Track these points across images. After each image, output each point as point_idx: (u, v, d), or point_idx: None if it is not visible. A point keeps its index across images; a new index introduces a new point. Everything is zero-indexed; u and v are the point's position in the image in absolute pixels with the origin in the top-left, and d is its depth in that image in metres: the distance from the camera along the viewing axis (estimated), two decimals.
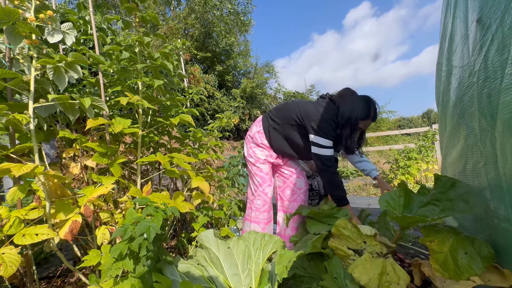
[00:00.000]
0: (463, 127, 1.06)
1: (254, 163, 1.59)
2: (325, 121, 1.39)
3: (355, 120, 1.37)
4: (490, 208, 0.90)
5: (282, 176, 1.74)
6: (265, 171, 1.58)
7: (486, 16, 0.79)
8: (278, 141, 1.56)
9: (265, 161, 1.59)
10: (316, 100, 1.53)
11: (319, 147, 1.40)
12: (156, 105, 1.54)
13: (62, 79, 1.04)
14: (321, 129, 1.39)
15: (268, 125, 1.58)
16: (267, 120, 1.60)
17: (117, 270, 0.96)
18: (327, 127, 1.38)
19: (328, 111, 1.42)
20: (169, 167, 1.38)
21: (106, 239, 1.04)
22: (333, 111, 1.43)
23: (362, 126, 1.44)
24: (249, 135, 1.67)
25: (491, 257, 0.86)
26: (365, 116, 1.38)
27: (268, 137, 1.57)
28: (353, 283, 0.98)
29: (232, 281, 1.23)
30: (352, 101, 1.41)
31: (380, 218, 1.69)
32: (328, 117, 1.39)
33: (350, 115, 1.37)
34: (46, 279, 1.49)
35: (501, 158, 0.75)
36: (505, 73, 0.70)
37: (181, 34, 10.03)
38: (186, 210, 1.43)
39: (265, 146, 1.58)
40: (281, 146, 1.57)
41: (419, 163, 4.60)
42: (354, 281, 0.96)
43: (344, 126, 1.39)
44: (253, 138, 1.62)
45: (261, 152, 1.59)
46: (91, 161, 1.19)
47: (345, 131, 1.40)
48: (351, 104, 1.39)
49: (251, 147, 1.62)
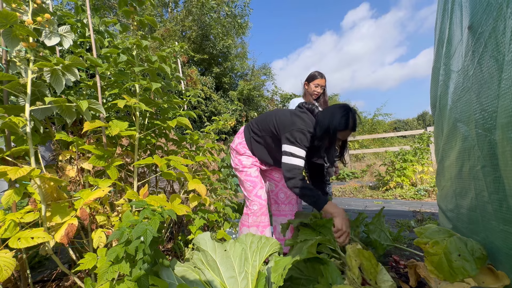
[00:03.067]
0: (460, 130, 1.07)
1: (241, 170, 1.60)
2: (299, 132, 1.37)
3: (333, 131, 1.32)
4: (487, 211, 0.91)
5: (273, 180, 1.75)
6: (254, 174, 1.58)
7: (477, 23, 0.81)
8: (260, 151, 1.58)
9: (252, 165, 1.60)
10: (294, 110, 1.50)
11: (290, 155, 1.37)
12: (153, 107, 1.54)
13: (59, 82, 1.04)
14: (294, 138, 1.36)
15: (249, 136, 1.59)
16: (248, 132, 1.61)
17: (113, 273, 0.95)
18: (300, 137, 1.36)
19: (303, 121, 1.40)
20: (166, 170, 1.38)
21: (102, 242, 1.03)
22: (309, 122, 1.41)
23: (341, 137, 1.38)
24: (232, 147, 1.69)
25: (484, 259, 0.88)
26: (344, 127, 1.31)
27: (250, 148, 1.59)
28: None
29: (229, 284, 1.23)
30: (330, 111, 1.36)
31: (375, 219, 1.70)
32: (303, 127, 1.37)
33: (328, 126, 1.32)
34: (40, 283, 1.47)
35: (502, 162, 0.75)
36: (502, 78, 0.71)
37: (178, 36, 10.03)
38: (183, 212, 1.43)
39: (248, 155, 1.61)
40: (263, 157, 1.59)
41: (415, 165, 4.65)
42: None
43: (323, 137, 1.35)
44: (236, 150, 1.64)
45: (247, 159, 1.60)
46: (87, 163, 1.18)
47: (324, 142, 1.36)
48: (329, 115, 1.34)
49: (236, 157, 1.64)
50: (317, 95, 2.16)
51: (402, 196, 4.27)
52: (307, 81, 2.18)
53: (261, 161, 1.63)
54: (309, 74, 2.18)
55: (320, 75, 2.12)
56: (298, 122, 1.40)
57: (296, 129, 1.36)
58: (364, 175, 6.93)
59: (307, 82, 2.18)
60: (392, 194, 4.45)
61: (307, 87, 2.19)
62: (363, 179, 6.63)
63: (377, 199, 4.31)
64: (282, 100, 12.12)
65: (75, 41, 1.37)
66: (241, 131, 1.67)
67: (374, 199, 4.34)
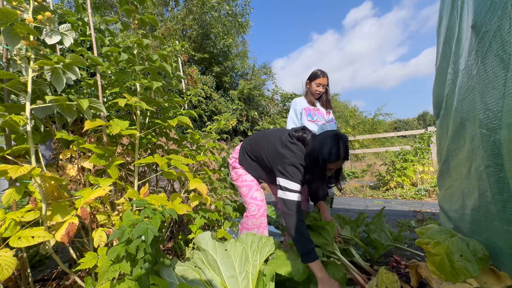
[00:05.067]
0: (468, 130, 1.06)
1: (237, 179, 1.63)
2: (291, 165, 1.33)
3: (323, 163, 1.27)
4: (490, 211, 0.91)
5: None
6: (249, 179, 1.60)
7: (481, 22, 0.80)
8: (255, 172, 1.60)
9: (247, 172, 1.63)
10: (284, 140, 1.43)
11: (285, 190, 1.33)
12: (154, 106, 1.54)
13: (60, 81, 1.03)
14: (287, 172, 1.33)
15: (243, 158, 1.61)
16: (243, 153, 1.63)
17: (114, 272, 0.95)
18: (293, 171, 1.33)
19: (293, 154, 1.36)
20: (166, 169, 1.38)
21: (103, 241, 1.03)
22: (299, 154, 1.37)
23: (333, 167, 1.33)
24: (229, 161, 1.72)
25: (486, 259, 0.87)
26: (335, 158, 1.25)
27: (245, 168, 1.62)
28: None
29: (229, 284, 1.23)
30: (320, 141, 1.29)
31: (375, 219, 1.70)
32: (294, 161, 1.33)
33: (317, 157, 1.27)
34: (41, 282, 1.47)
35: (508, 162, 0.74)
36: (508, 77, 0.70)
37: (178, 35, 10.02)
38: (183, 212, 1.43)
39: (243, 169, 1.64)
40: (259, 176, 1.62)
41: (415, 165, 4.64)
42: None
43: (313, 169, 1.31)
44: (232, 165, 1.67)
45: (242, 170, 1.63)
46: (88, 162, 1.18)
47: (315, 174, 1.33)
48: (319, 145, 1.28)
49: (232, 169, 1.68)
50: (319, 94, 2.14)
51: (402, 196, 4.26)
52: (309, 80, 2.16)
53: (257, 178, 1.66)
54: (311, 72, 2.16)
55: (322, 73, 2.09)
56: (288, 155, 1.35)
57: (288, 163, 1.32)
58: (365, 175, 6.92)
59: (309, 81, 2.16)
60: (393, 194, 4.44)
61: (309, 86, 2.17)
62: (364, 179, 6.63)
63: (377, 199, 4.31)
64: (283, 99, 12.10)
65: (75, 39, 1.36)
66: (237, 149, 1.69)
67: (375, 198, 4.33)
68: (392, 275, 0.98)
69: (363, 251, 1.72)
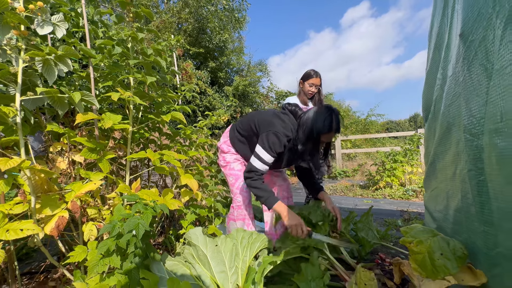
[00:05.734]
0: (453, 134, 1.10)
1: (225, 166, 1.61)
2: (274, 134, 1.33)
3: (317, 134, 1.29)
4: (470, 213, 0.95)
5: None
6: (237, 168, 1.59)
7: (468, 31, 0.83)
8: (243, 151, 1.58)
9: (236, 160, 1.61)
10: (276, 111, 1.47)
11: (257, 158, 1.35)
12: (147, 101, 1.53)
13: (51, 72, 1.02)
14: (267, 141, 1.33)
15: (233, 135, 1.60)
16: (233, 131, 1.62)
17: (103, 266, 0.96)
18: (273, 140, 1.33)
19: (283, 123, 1.38)
20: (159, 164, 1.38)
21: (93, 235, 1.03)
22: (289, 124, 1.38)
23: (325, 139, 1.35)
24: (218, 145, 1.70)
25: (465, 258, 0.92)
26: (328, 129, 1.29)
27: (234, 146, 1.60)
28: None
29: (219, 279, 1.25)
30: (313, 114, 1.33)
31: (363, 217, 1.74)
32: (280, 130, 1.34)
33: (311, 129, 1.30)
34: (28, 275, 1.46)
35: (488, 166, 0.78)
36: (490, 85, 0.74)
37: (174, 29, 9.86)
38: (175, 207, 1.44)
39: (232, 152, 1.62)
40: (247, 155, 1.59)
41: (404, 166, 4.75)
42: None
43: (306, 141, 1.32)
44: (221, 148, 1.65)
45: (230, 156, 1.62)
46: (79, 156, 1.17)
47: (307, 146, 1.34)
48: (312, 118, 1.31)
49: (221, 154, 1.66)
50: (312, 94, 2.17)
51: (391, 195, 4.36)
52: (302, 80, 2.18)
53: (245, 159, 1.64)
54: (304, 72, 2.18)
55: (315, 74, 2.12)
56: (277, 123, 1.37)
57: (273, 131, 1.34)
58: (355, 174, 7.03)
59: (302, 80, 2.19)
60: (382, 193, 4.54)
61: (302, 86, 2.19)
62: (354, 178, 6.74)
63: (367, 198, 4.40)
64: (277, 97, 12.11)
65: (68, 30, 1.34)
66: (227, 131, 1.68)
67: (364, 198, 4.42)
68: (369, 273, 1.02)
69: (351, 248, 1.76)
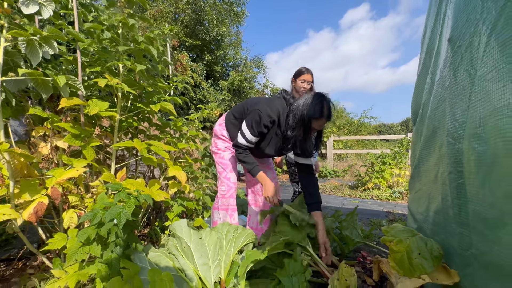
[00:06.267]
0: (437, 138, 1.13)
1: (216, 152, 1.61)
2: (256, 113, 1.35)
3: (308, 119, 1.29)
4: (449, 214, 0.98)
5: None
6: (227, 157, 1.59)
7: (457, 36, 0.85)
8: (235, 133, 1.55)
9: (227, 149, 1.61)
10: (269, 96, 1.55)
11: (241, 135, 1.41)
12: (137, 90, 1.50)
13: (35, 53, 0.98)
14: (250, 119, 1.37)
15: (228, 118, 1.60)
16: (229, 114, 1.62)
17: (83, 254, 0.94)
18: (256, 119, 1.35)
19: (270, 103, 1.39)
20: (146, 154, 1.36)
21: (73, 223, 1.01)
22: (277, 106, 1.39)
23: (316, 126, 1.34)
24: (213, 130, 1.69)
25: (441, 258, 0.94)
26: (319, 115, 1.28)
27: (227, 130, 1.59)
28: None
29: (201, 271, 1.25)
30: (304, 99, 1.33)
31: (348, 216, 1.77)
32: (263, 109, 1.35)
33: (302, 114, 1.29)
34: (6, 261, 1.43)
35: (466, 169, 0.80)
36: (473, 91, 0.75)
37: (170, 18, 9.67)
38: (161, 198, 1.43)
39: (225, 137, 1.61)
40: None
41: (393, 168, 4.84)
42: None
43: (297, 126, 1.32)
44: (215, 132, 1.65)
45: (222, 143, 1.61)
46: (62, 142, 1.14)
47: (298, 131, 1.34)
48: (303, 103, 1.31)
49: (214, 140, 1.66)
50: (304, 91, 2.18)
51: (378, 196, 4.44)
52: (294, 78, 2.19)
53: None
54: (296, 70, 2.19)
55: (306, 70, 2.13)
56: (263, 103, 1.39)
57: (256, 109, 1.36)
58: (345, 175, 7.13)
59: (294, 78, 2.19)
60: (369, 194, 4.62)
61: (294, 83, 2.20)
62: (344, 178, 6.83)
63: (354, 198, 4.47)
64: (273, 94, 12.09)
65: (56, 12, 1.29)
66: (224, 115, 1.68)
67: (352, 198, 4.49)
68: (351, 269, 1.04)
69: (335, 246, 1.79)
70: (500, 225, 0.65)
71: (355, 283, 0.99)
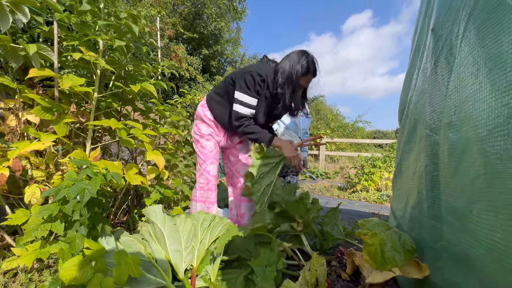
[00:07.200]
0: (418, 132, 1.11)
1: (198, 140, 1.54)
2: (248, 74, 1.37)
3: (296, 76, 1.35)
4: (423, 208, 0.96)
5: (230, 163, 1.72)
6: (209, 148, 1.53)
7: (439, 25, 0.83)
8: (220, 111, 1.51)
9: (210, 136, 1.53)
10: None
11: (240, 104, 1.38)
12: (119, 69, 1.45)
13: (5, 19, 0.93)
14: (244, 82, 1.37)
15: (210, 98, 1.54)
16: (210, 95, 1.57)
17: (43, 231, 0.90)
18: (249, 79, 1.36)
19: (257, 66, 1.41)
20: (124, 136, 1.32)
21: (36, 198, 0.97)
22: (264, 68, 1.41)
23: (303, 82, 1.42)
24: (195, 114, 1.61)
25: (413, 251, 0.93)
26: (305, 71, 1.36)
27: (210, 109, 1.52)
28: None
29: (173, 258, 1.21)
30: (289, 57, 1.39)
31: (330, 212, 1.76)
32: (254, 70, 1.37)
33: (290, 71, 1.35)
34: None
35: (441, 160, 0.78)
36: (450, 79, 0.74)
37: (169, 10, 9.56)
38: (137, 183, 1.39)
39: (209, 119, 1.53)
40: (224, 117, 1.51)
41: (382, 172, 4.87)
42: None
43: (285, 83, 1.36)
44: (197, 114, 1.57)
45: (206, 128, 1.54)
46: (33, 115, 1.09)
47: (287, 89, 1.37)
48: (289, 61, 1.37)
49: (196, 123, 1.57)
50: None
51: (366, 199, 4.46)
52: None
53: (221, 124, 1.54)
54: None
55: None
56: (249, 67, 1.41)
57: (246, 72, 1.37)
58: (336, 176, 7.15)
59: None
60: (358, 196, 4.64)
61: None
62: (334, 180, 6.85)
63: (343, 199, 4.48)
64: None
65: None
66: (204, 96, 1.62)
67: (340, 199, 4.50)
68: (321, 258, 1.03)
69: (315, 241, 1.78)
70: (467, 214, 0.64)
71: (325, 272, 0.97)
